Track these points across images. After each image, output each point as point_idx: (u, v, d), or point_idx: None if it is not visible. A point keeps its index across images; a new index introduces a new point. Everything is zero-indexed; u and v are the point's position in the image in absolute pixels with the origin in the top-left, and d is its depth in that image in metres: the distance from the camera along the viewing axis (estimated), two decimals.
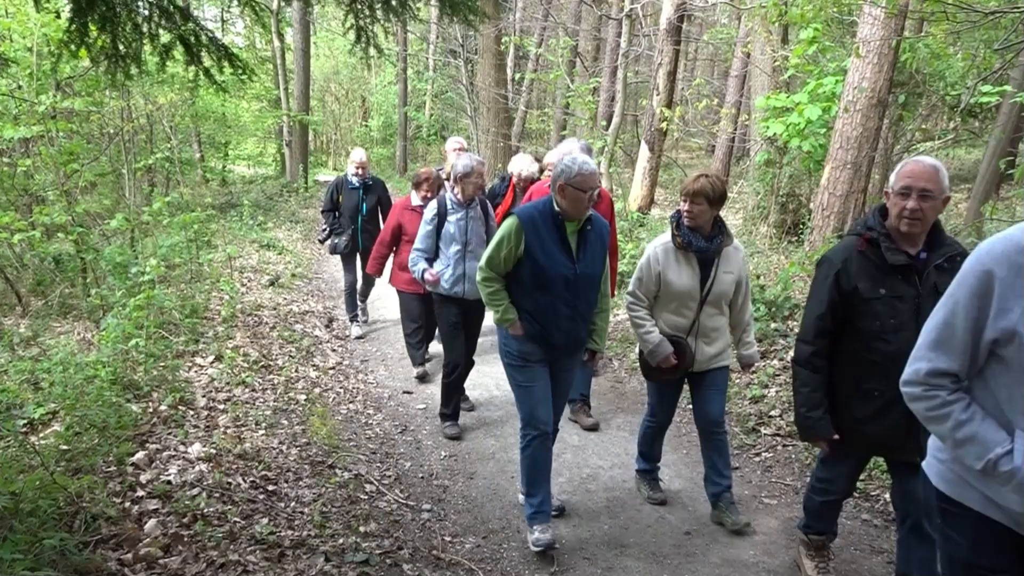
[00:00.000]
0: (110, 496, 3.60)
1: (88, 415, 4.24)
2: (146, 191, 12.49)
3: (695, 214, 3.87)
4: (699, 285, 3.94)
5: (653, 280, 3.99)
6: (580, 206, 3.70)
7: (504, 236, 3.78)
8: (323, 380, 6.33)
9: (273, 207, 16.77)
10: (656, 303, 4.07)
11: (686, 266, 3.94)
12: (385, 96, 32.82)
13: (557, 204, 3.76)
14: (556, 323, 3.82)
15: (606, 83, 17.45)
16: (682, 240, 3.89)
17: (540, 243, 3.73)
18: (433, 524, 4.20)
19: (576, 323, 3.89)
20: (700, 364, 4.05)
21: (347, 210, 7.68)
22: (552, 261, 3.73)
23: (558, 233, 3.76)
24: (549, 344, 3.87)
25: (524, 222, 3.75)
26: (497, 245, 3.81)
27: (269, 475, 4.29)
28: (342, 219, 7.73)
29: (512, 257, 3.78)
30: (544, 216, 3.77)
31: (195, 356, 5.97)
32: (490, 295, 3.90)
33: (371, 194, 7.71)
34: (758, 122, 11.24)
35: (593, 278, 3.89)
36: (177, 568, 3.18)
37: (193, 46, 3.97)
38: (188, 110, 14.54)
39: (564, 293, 3.78)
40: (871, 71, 7.51)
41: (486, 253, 3.89)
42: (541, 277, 3.74)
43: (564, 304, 3.80)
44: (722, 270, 3.95)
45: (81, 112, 8.95)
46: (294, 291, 9.45)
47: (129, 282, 6.83)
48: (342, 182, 7.77)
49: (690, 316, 4.00)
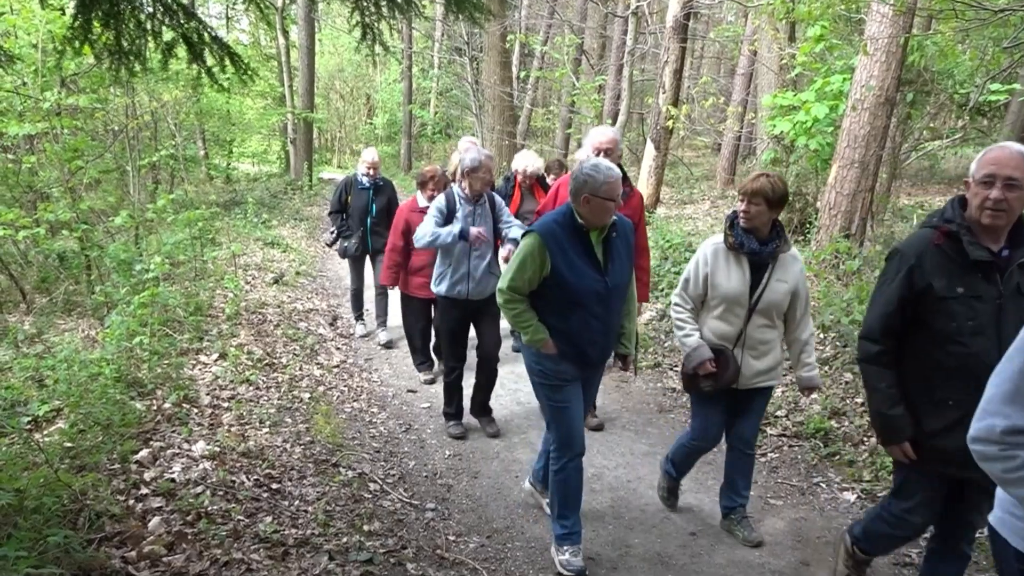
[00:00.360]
0: (114, 494, 3.60)
1: (92, 412, 4.25)
2: (150, 188, 12.51)
3: (752, 215, 3.58)
4: (748, 291, 3.66)
5: (700, 282, 3.75)
6: (606, 216, 3.50)
7: (526, 256, 3.53)
8: (327, 378, 6.34)
9: (277, 205, 16.78)
10: (703, 307, 3.83)
11: (736, 269, 3.67)
12: (390, 94, 32.85)
13: (579, 215, 3.52)
14: (591, 339, 3.62)
15: (612, 81, 17.44)
16: (734, 241, 3.63)
17: (566, 259, 3.49)
18: (437, 523, 4.20)
19: (610, 336, 3.73)
20: (745, 380, 3.76)
21: (356, 211, 7.44)
22: (581, 277, 3.51)
23: (583, 246, 3.53)
24: (584, 361, 3.69)
25: (546, 239, 3.50)
26: (520, 267, 3.55)
27: (273, 473, 4.30)
28: (351, 221, 7.50)
29: (537, 278, 3.55)
30: (566, 229, 3.53)
31: (199, 354, 5.98)
32: (515, 317, 3.65)
33: (381, 195, 7.47)
34: (764, 120, 11.22)
35: (624, 287, 3.69)
36: (181, 566, 3.19)
37: (196, 45, 3.98)
38: (192, 107, 14.57)
39: (597, 308, 3.57)
40: (879, 69, 7.49)
41: (507, 276, 3.62)
42: (571, 295, 3.53)
43: (597, 319, 3.59)
44: (775, 278, 3.66)
45: (85, 109, 8.97)
46: (298, 289, 9.45)
47: (133, 279, 6.85)
48: (351, 182, 7.54)
49: (737, 324, 3.71)
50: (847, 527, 3.62)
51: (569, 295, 3.53)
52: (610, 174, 3.45)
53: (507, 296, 3.63)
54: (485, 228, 5.13)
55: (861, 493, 4.53)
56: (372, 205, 7.42)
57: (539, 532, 4.15)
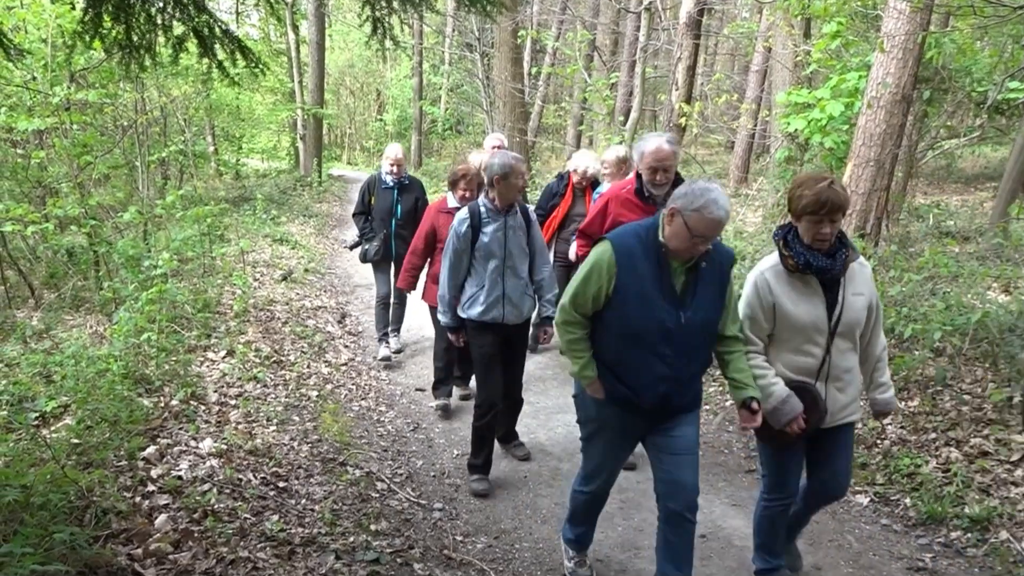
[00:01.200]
0: (121, 491, 3.62)
1: (100, 409, 4.27)
2: (159, 184, 12.57)
3: (830, 234, 3.10)
4: (826, 314, 3.15)
5: (766, 315, 3.19)
6: (689, 249, 2.94)
7: (594, 268, 3.05)
8: (335, 376, 6.35)
9: (286, 201, 16.83)
10: (772, 343, 3.27)
11: (806, 291, 3.14)
12: (400, 90, 32.86)
13: (663, 233, 2.99)
14: (649, 385, 3.06)
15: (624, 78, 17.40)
16: (795, 260, 3.10)
17: (635, 280, 2.98)
18: (444, 523, 4.20)
19: (678, 385, 3.08)
20: (830, 417, 3.24)
21: (380, 213, 6.86)
22: (647, 306, 2.98)
23: (659, 270, 2.99)
24: (637, 410, 3.14)
25: (620, 251, 3.01)
26: (584, 279, 3.08)
27: (280, 472, 4.31)
28: (374, 223, 6.91)
29: (603, 295, 3.05)
30: (645, 245, 3.02)
31: (207, 351, 6.00)
32: (570, 343, 3.20)
33: (407, 195, 6.86)
34: (779, 118, 11.16)
35: (707, 327, 3.09)
36: (187, 564, 3.20)
37: (207, 39, 3.99)
38: (202, 103, 14.61)
39: (662, 347, 3.00)
40: (895, 66, 7.43)
41: (570, 289, 3.15)
42: (630, 325, 3.02)
43: (661, 361, 3.02)
44: (851, 292, 3.17)
45: (95, 104, 8.99)
46: (307, 286, 9.48)
47: (142, 275, 6.88)
48: (375, 181, 6.94)
49: (818, 354, 3.18)
50: None
51: (628, 327, 3.03)
52: (715, 208, 2.85)
53: (567, 315, 3.16)
54: (517, 244, 4.55)
55: (874, 496, 4.50)
56: (397, 206, 6.83)
57: (547, 533, 4.15)
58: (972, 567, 3.78)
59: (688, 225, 2.86)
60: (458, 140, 27.17)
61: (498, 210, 4.48)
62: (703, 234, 2.86)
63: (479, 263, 4.52)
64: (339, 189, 21.59)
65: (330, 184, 21.55)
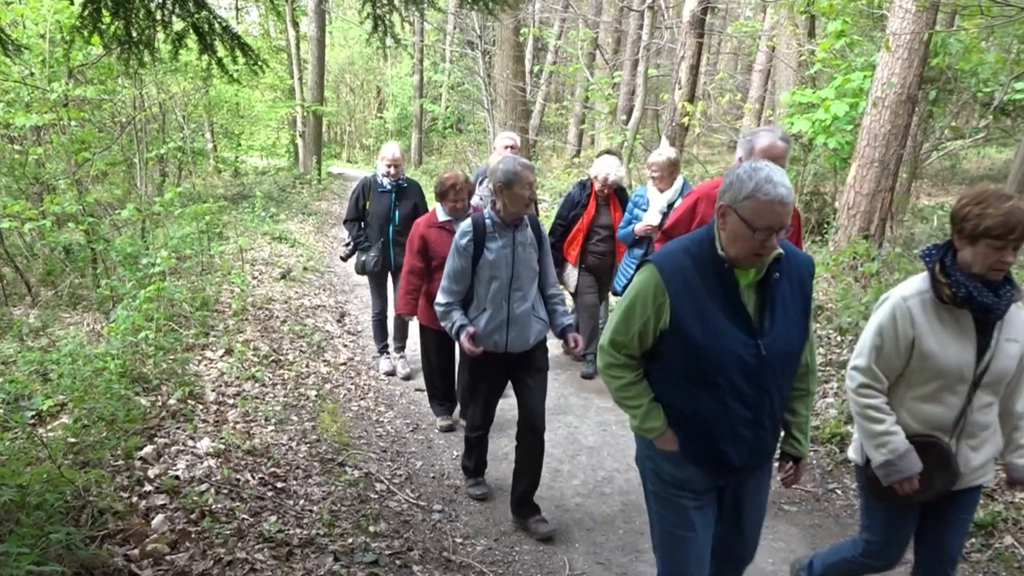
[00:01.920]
0: (117, 490, 3.61)
1: (96, 408, 4.27)
2: (158, 181, 12.56)
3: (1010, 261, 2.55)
4: (974, 359, 2.63)
5: (902, 350, 2.67)
6: (756, 251, 2.35)
7: (637, 299, 2.49)
8: (334, 376, 6.35)
9: (286, 199, 16.83)
10: (898, 385, 2.75)
11: (956, 330, 2.63)
12: (401, 87, 32.90)
13: (720, 243, 2.42)
14: (732, 433, 2.50)
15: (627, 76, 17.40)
16: (954, 291, 2.57)
17: (696, 308, 2.40)
18: (444, 525, 4.20)
19: (763, 429, 2.54)
20: (960, 480, 2.76)
21: (376, 218, 6.36)
22: (719, 336, 2.40)
23: (724, 289, 2.42)
24: (722, 465, 2.56)
25: (669, 274, 2.43)
26: (626, 314, 2.53)
27: (278, 472, 4.30)
28: (369, 230, 6.42)
29: (652, 332, 2.50)
30: (701, 262, 2.44)
31: (205, 350, 5.99)
32: (620, 390, 2.64)
33: (405, 199, 6.36)
34: (782, 118, 11.16)
35: (790, 356, 2.54)
36: (184, 565, 3.19)
37: (206, 35, 3.98)
38: (201, 99, 14.61)
39: (744, 385, 2.44)
40: (901, 66, 7.43)
41: (610, 327, 2.62)
42: (701, 363, 2.44)
43: (742, 403, 2.47)
44: (1005, 336, 2.65)
45: (93, 100, 9.00)
46: (306, 285, 9.47)
47: (139, 273, 6.87)
48: (370, 184, 6.40)
49: (956, 406, 2.67)
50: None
51: (699, 363, 2.45)
52: (773, 187, 2.29)
53: (609, 358, 2.63)
54: (526, 263, 4.05)
55: None
56: (394, 211, 6.32)
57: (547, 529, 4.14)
58: (976, 572, 3.78)
59: (745, 219, 2.30)
60: (459, 138, 27.17)
61: (505, 223, 3.98)
62: (767, 225, 2.29)
63: (481, 284, 4.02)
64: (338, 187, 21.59)
65: (329, 182, 21.56)
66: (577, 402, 6.07)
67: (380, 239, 6.37)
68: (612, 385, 2.66)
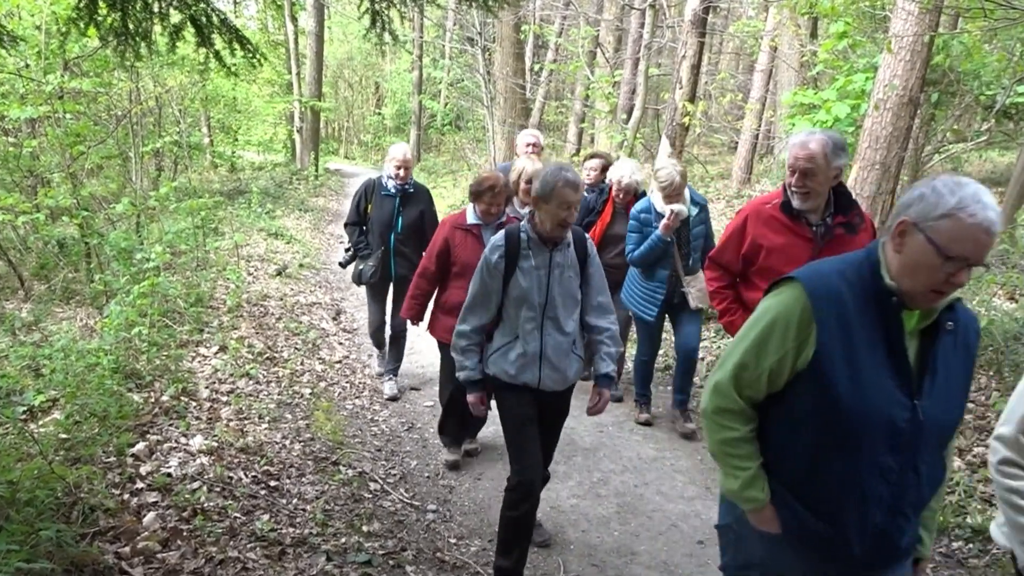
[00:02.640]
0: (109, 487, 3.61)
1: (89, 404, 4.26)
2: (153, 175, 12.56)
3: None
4: None
5: None
6: (938, 287, 1.85)
7: (775, 324, 1.98)
8: (329, 374, 6.34)
9: (282, 195, 16.84)
10: None
11: None
12: (400, 84, 32.90)
13: (887, 270, 1.93)
14: (863, 517, 1.95)
15: (627, 75, 17.39)
16: None
17: (846, 348, 1.90)
18: (438, 525, 4.20)
19: (903, 516, 1.98)
20: None
21: (377, 225, 5.88)
22: (865, 388, 1.89)
23: (885, 331, 1.92)
24: (835, 556, 2.01)
25: (820, 299, 1.94)
26: (759, 343, 2.01)
27: (271, 470, 4.30)
28: (370, 236, 5.97)
29: (787, 369, 1.98)
30: (858, 291, 1.94)
31: (199, 346, 5.98)
32: (727, 445, 2.10)
33: (411, 205, 5.86)
34: (784, 119, 11.17)
35: (948, 427, 2.01)
36: (175, 563, 3.19)
37: (204, 27, 3.98)
38: (198, 93, 14.59)
39: (886, 455, 1.92)
40: (903, 68, 7.43)
41: (732, 358, 2.08)
42: (841, 421, 1.91)
43: (882, 478, 1.93)
44: None
45: (89, 93, 8.98)
46: (301, 281, 9.47)
47: (134, 268, 6.86)
48: (373, 186, 5.93)
49: None
50: None
51: (837, 422, 1.92)
52: (978, 208, 1.78)
53: (725, 401, 2.09)
54: (564, 289, 3.42)
55: None
56: (398, 218, 5.84)
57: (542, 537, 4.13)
58: None
59: (937, 244, 1.79)
60: (458, 136, 27.15)
61: (542, 240, 3.37)
62: (966, 255, 1.78)
63: (511, 307, 3.42)
64: (336, 183, 21.58)
65: (327, 178, 21.55)
66: (573, 403, 6.05)
67: (380, 247, 5.89)
68: (717, 435, 2.11)
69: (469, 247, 4.48)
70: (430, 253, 4.74)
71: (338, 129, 40.83)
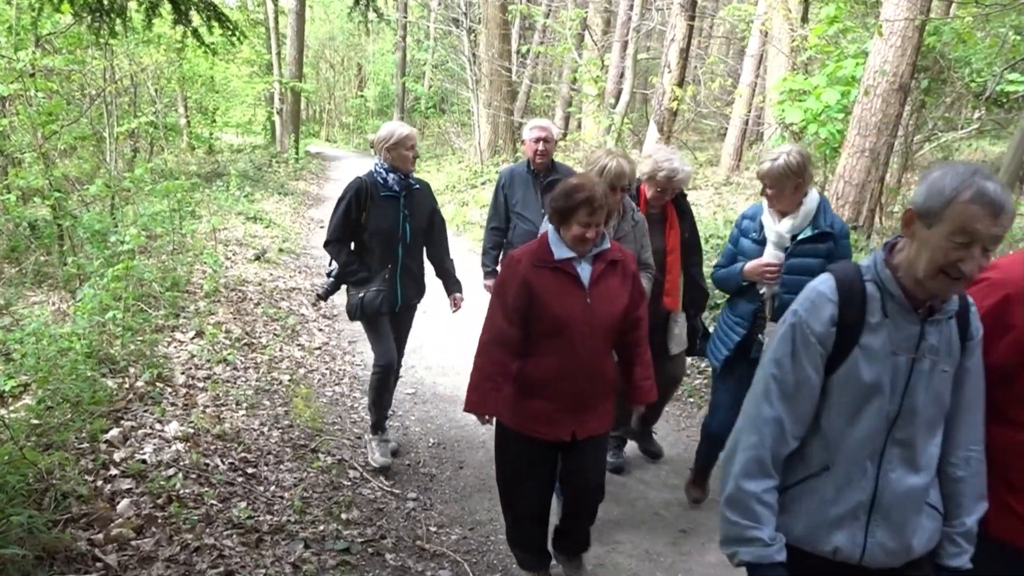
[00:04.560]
0: (82, 474, 3.61)
1: (61, 389, 4.25)
2: (128, 156, 12.44)
3: None
4: None
5: None
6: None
7: None
8: (308, 360, 6.34)
9: (261, 178, 16.75)
10: None
11: None
12: (382, 65, 32.74)
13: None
14: None
15: (616, 59, 17.38)
16: None
17: None
18: (418, 514, 4.22)
19: None
20: None
21: (378, 236, 4.41)
22: None
23: None
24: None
25: None
26: None
27: (249, 457, 4.31)
28: (368, 255, 4.47)
29: None
30: None
31: (175, 331, 5.97)
32: None
33: (419, 207, 4.52)
34: (773, 104, 11.22)
35: None
36: (150, 550, 3.20)
37: (181, 3, 3.96)
38: (175, 73, 14.47)
39: None
40: (894, 54, 7.49)
41: None
42: None
43: None
44: None
45: (62, 71, 8.90)
46: (281, 266, 9.44)
47: (108, 251, 6.82)
48: (365, 187, 4.36)
49: None
50: None
51: None
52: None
53: None
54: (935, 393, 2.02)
55: None
56: (404, 224, 4.44)
57: None
58: None
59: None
60: (442, 119, 27.07)
61: (908, 299, 1.92)
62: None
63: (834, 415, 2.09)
64: (316, 167, 21.47)
65: (307, 161, 21.44)
66: None
67: (387, 266, 4.44)
68: None
69: (560, 293, 3.04)
70: (501, 305, 3.12)
71: (319, 111, 40.59)
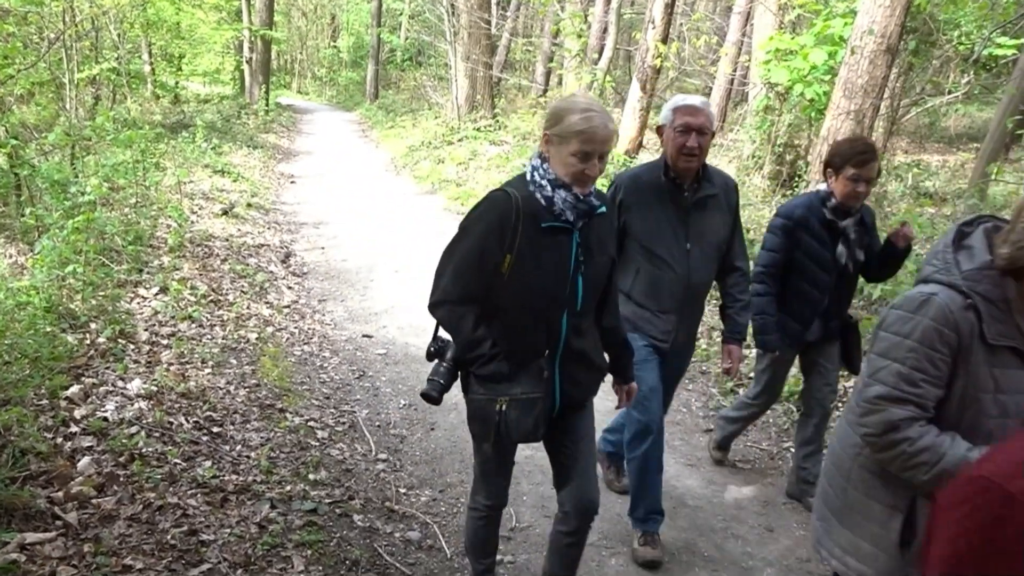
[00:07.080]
0: (41, 431, 3.60)
1: (19, 344, 4.21)
2: (89, 104, 12.21)
3: None
4: None
5: None
6: None
7: None
8: (276, 319, 6.32)
9: (230, 130, 16.53)
10: None
11: None
12: (357, 15, 32.25)
13: None
14: None
15: (599, 13, 17.23)
16: None
17: None
18: (388, 475, 4.25)
19: None
20: None
21: (531, 299, 2.55)
22: None
23: None
24: None
25: None
26: None
27: (214, 416, 4.31)
28: (508, 332, 2.57)
29: None
30: None
31: (138, 287, 5.92)
32: None
33: (599, 247, 2.62)
34: (759, 64, 11.21)
35: None
36: (111, 508, 3.21)
37: None
38: (138, 17, 14.16)
39: None
40: (882, 14, 7.47)
41: None
42: None
43: None
44: None
45: (17, 12, 8.68)
46: (249, 222, 9.36)
47: (68, 202, 6.71)
48: (517, 210, 2.45)
49: None
50: None
51: None
52: None
53: None
54: None
55: None
56: (576, 278, 2.56)
57: None
58: None
59: None
60: (418, 72, 26.77)
61: None
62: None
63: None
64: (287, 119, 21.22)
65: (278, 114, 21.18)
66: None
67: (541, 351, 2.61)
68: None
69: None
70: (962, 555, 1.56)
71: (290, 61, 39.96)
